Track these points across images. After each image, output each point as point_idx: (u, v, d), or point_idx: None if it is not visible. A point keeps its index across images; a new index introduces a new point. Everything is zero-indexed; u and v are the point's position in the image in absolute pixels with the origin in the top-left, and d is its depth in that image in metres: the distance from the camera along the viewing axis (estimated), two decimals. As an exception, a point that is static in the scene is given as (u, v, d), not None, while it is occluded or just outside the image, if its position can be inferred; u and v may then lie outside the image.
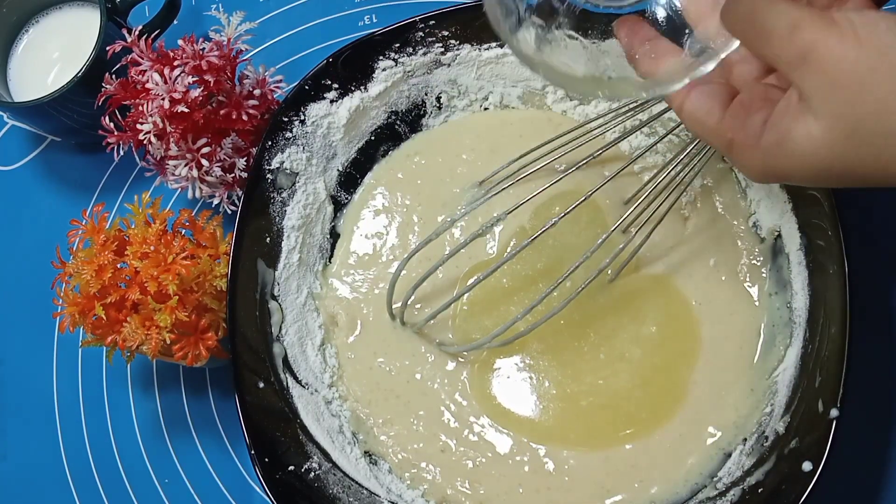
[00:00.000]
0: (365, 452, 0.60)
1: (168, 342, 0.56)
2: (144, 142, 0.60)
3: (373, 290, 0.64)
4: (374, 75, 0.65)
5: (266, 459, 0.56)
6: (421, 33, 0.64)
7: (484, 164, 0.65)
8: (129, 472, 0.66)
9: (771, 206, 0.59)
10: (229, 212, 0.64)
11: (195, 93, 0.59)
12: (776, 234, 0.59)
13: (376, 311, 0.63)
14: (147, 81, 0.59)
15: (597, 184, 0.57)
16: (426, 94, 0.67)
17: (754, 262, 0.60)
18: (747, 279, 0.60)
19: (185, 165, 0.61)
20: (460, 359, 0.61)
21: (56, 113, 0.68)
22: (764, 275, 0.59)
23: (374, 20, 0.74)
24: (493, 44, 0.64)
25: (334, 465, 0.58)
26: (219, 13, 0.63)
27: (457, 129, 0.67)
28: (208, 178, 0.62)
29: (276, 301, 0.62)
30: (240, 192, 0.63)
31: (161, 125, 0.59)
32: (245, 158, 0.63)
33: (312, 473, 0.57)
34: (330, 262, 0.65)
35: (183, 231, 0.61)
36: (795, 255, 0.57)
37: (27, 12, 0.72)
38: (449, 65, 0.65)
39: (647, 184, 0.60)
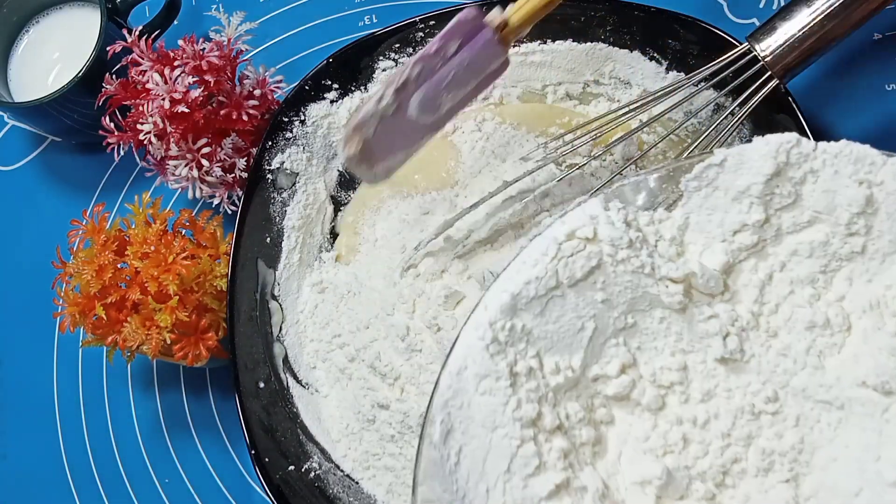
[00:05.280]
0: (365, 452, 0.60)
1: (168, 342, 0.56)
2: (145, 142, 0.60)
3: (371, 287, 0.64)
4: (374, 75, 0.65)
5: (266, 459, 0.56)
6: (421, 33, 0.64)
7: (482, 157, 0.64)
8: (129, 472, 0.66)
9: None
10: (229, 212, 0.64)
11: (195, 93, 0.59)
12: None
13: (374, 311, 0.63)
14: (147, 82, 0.59)
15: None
16: (426, 95, 0.67)
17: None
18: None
19: (186, 165, 0.61)
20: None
21: (56, 113, 0.68)
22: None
23: (374, 20, 0.74)
24: (494, 44, 0.64)
25: (334, 465, 0.58)
26: (219, 13, 0.63)
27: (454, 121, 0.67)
28: (208, 179, 0.62)
29: (277, 301, 0.62)
30: (240, 192, 0.63)
31: (161, 125, 0.59)
32: (245, 158, 0.63)
33: (312, 473, 0.57)
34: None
35: (183, 231, 0.61)
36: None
37: (27, 13, 0.72)
38: (449, 65, 0.65)
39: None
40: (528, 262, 0.43)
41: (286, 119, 0.63)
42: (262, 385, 0.59)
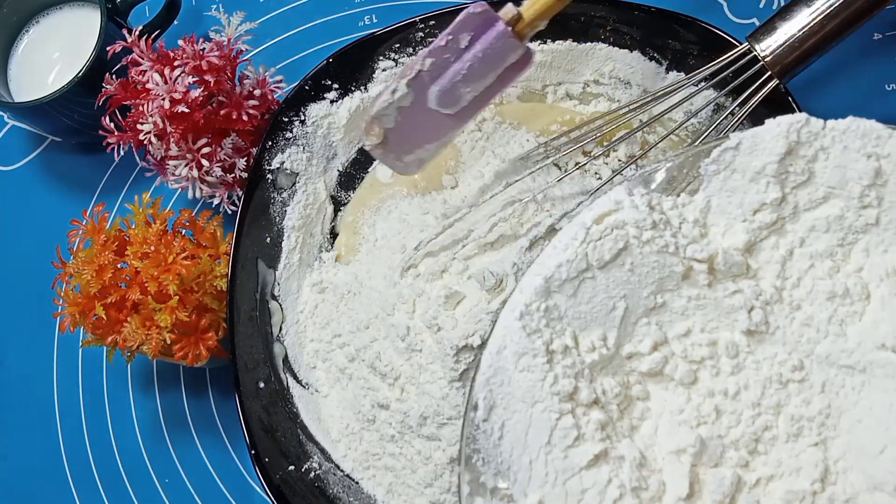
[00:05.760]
0: (365, 452, 0.60)
1: (168, 342, 0.56)
2: (145, 142, 0.60)
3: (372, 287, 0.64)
4: (374, 75, 0.65)
5: (266, 459, 0.56)
6: (421, 33, 0.64)
7: (482, 157, 0.64)
8: (129, 472, 0.66)
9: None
10: (229, 212, 0.64)
11: (195, 93, 0.59)
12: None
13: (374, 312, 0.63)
14: (147, 82, 0.59)
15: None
16: (426, 95, 0.67)
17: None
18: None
19: (186, 165, 0.61)
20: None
21: (56, 113, 0.68)
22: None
23: (374, 20, 0.74)
24: (494, 44, 0.64)
25: (334, 465, 0.58)
26: (219, 13, 0.63)
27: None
28: (208, 179, 0.62)
29: (277, 301, 0.62)
30: (240, 192, 0.63)
31: (161, 125, 0.59)
32: (245, 158, 0.63)
33: (312, 473, 0.57)
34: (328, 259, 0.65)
35: (183, 231, 0.61)
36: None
37: (27, 12, 0.72)
38: (449, 65, 0.65)
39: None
40: (559, 247, 0.45)
41: (286, 119, 0.63)
42: (262, 385, 0.59)
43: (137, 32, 0.61)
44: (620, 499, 0.41)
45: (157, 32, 0.72)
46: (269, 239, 0.62)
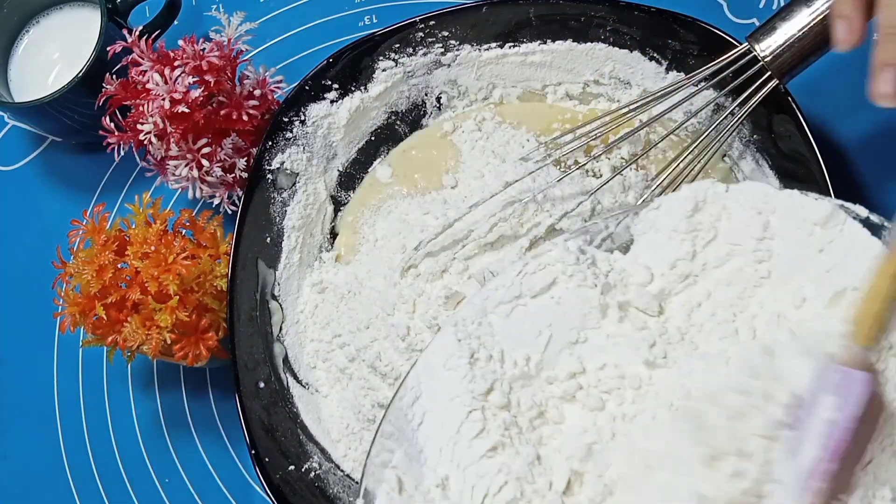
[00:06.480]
0: (366, 452, 0.60)
1: (168, 342, 0.56)
2: (145, 142, 0.60)
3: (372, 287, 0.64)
4: (374, 76, 0.65)
5: (266, 459, 0.56)
6: (421, 34, 0.64)
7: (482, 157, 0.64)
8: (129, 472, 0.66)
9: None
10: (230, 212, 0.64)
11: (195, 93, 0.59)
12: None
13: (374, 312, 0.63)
14: (147, 82, 0.59)
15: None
16: (426, 95, 0.67)
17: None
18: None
19: (186, 166, 0.61)
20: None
21: (56, 113, 0.68)
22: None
23: (374, 20, 0.75)
24: (493, 44, 0.64)
25: (334, 465, 0.58)
26: (219, 13, 0.63)
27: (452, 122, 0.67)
28: (209, 179, 0.62)
29: (277, 301, 0.62)
30: (240, 193, 0.63)
31: (161, 125, 0.59)
32: (245, 158, 0.63)
33: (312, 473, 0.57)
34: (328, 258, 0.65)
35: (183, 231, 0.61)
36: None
37: (28, 13, 0.72)
38: (449, 65, 0.65)
39: (652, 181, 0.60)
40: (501, 277, 0.51)
41: (286, 119, 0.63)
42: (262, 385, 0.59)
43: (137, 32, 0.61)
44: (506, 486, 0.45)
45: (157, 32, 0.72)
46: (269, 239, 0.62)
